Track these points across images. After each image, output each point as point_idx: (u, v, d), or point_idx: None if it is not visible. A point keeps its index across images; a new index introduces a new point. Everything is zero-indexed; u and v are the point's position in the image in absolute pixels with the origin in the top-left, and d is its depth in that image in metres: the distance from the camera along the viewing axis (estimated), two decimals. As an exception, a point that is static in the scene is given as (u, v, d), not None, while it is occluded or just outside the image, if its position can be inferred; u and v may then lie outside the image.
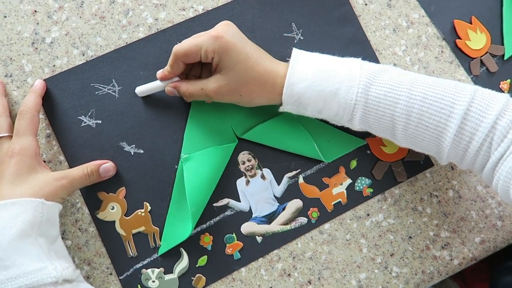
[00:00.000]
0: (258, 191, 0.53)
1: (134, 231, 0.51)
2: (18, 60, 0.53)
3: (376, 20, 0.59)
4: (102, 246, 0.51)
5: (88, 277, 0.50)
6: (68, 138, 0.52)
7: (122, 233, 0.51)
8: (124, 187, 0.52)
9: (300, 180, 0.54)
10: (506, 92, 0.59)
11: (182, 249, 0.51)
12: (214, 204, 0.52)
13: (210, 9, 0.57)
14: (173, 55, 0.47)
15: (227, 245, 0.52)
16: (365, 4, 0.59)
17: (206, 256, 0.51)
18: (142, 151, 0.53)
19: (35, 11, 0.54)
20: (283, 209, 0.53)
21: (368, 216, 0.55)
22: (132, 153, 0.52)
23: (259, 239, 0.53)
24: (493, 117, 0.41)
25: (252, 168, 0.54)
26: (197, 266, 0.51)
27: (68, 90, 0.53)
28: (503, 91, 0.59)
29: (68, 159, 0.52)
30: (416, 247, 0.54)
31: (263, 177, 0.54)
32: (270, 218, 0.53)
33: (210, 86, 0.47)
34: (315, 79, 0.45)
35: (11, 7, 0.54)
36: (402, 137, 0.46)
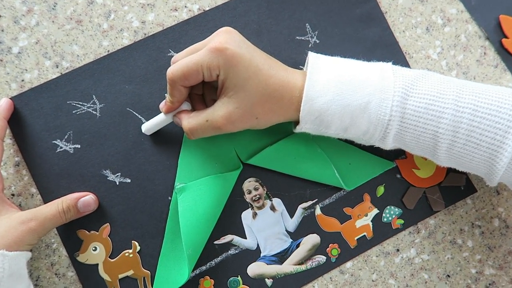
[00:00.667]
0: (267, 225, 0.48)
1: (121, 276, 0.46)
2: (-19, 74, 0.48)
3: (406, 18, 0.52)
4: None
5: (67, 332, 0.45)
6: (41, 167, 0.46)
7: (107, 278, 0.46)
8: (108, 224, 0.46)
9: (317, 212, 0.49)
10: None
11: None
12: (216, 242, 0.47)
13: (208, 9, 0.50)
14: (170, 82, 0.40)
15: None
16: (392, -1, 0.53)
17: None
18: (129, 180, 0.47)
19: None
20: (297, 246, 0.48)
21: (398, 252, 0.49)
22: (118, 183, 0.47)
23: (269, 282, 0.47)
24: None
25: (260, 198, 0.48)
26: (196, 316, 0.46)
27: (41, 110, 0.47)
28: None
29: (42, 192, 0.46)
30: (456, 287, 0.48)
31: (273, 209, 0.48)
32: (282, 257, 0.48)
33: (218, 115, 0.40)
34: (339, 92, 0.39)
35: (-28, 11, 0.48)
36: (445, 157, 0.40)
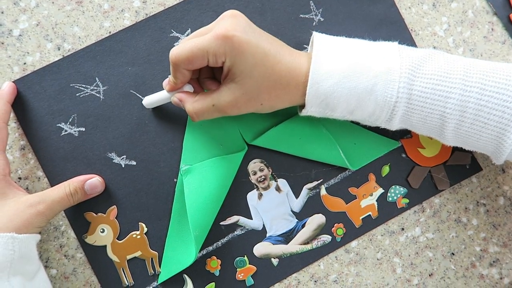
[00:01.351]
0: (273, 206, 0.48)
1: (129, 257, 0.46)
2: (-17, 58, 0.47)
3: (412, -6, 0.51)
4: (93, 275, 0.46)
5: (78, 311, 0.46)
6: (47, 150, 0.46)
7: (115, 260, 0.46)
8: (115, 206, 0.46)
9: (322, 192, 0.49)
10: None
11: (186, 276, 0.47)
12: (222, 223, 0.47)
13: (210, -13, 0.48)
14: (173, 64, 0.39)
15: (238, 270, 0.47)
16: (399, -26, 0.51)
17: (214, 283, 0.47)
18: (135, 163, 0.47)
19: None
20: (303, 226, 0.48)
21: (403, 231, 0.49)
22: (123, 166, 0.46)
23: (275, 262, 0.48)
24: None
25: (265, 179, 0.48)
26: (204, 295, 0.47)
27: (44, 93, 0.46)
28: None
29: (48, 175, 0.46)
30: (460, 265, 0.49)
31: (278, 189, 0.48)
32: (288, 237, 0.48)
33: (224, 100, 0.39)
34: (345, 74, 0.38)
35: (-29, -7, 0.47)
36: (452, 137, 0.40)
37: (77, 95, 0.46)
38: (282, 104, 0.41)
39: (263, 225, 0.47)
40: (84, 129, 0.46)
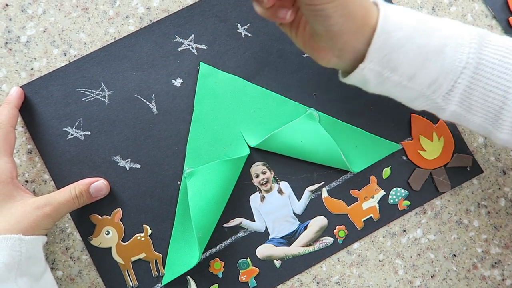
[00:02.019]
0: (275, 208, 0.48)
1: (134, 259, 0.47)
2: (-9, 64, 0.48)
3: (412, -2, 0.52)
4: (98, 277, 0.46)
5: (84, 312, 0.46)
6: (53, 154, 0.47)
7: (120, 261, 0.46)
8: (120, 208, 0.47)
9: (324, 194, 0.49)
10: None
11: (189, 278, 0.47)
12: (225, 225, 0.48)
13: (213, -7, 0.49)
14: None
15: (241, 272, 0.47)
16: (398, -21, 0.51)
17: (217, 285, 0.47)
18: (139, 166, 0.47)
19: (6, 5, 0.48)
20: (305, 228, 0.48)
21: (405, 233, 0.49)
22: (128, 169, 0.47)
23: (278, 264, 0.48)
24: None
25: (268, 182, 0.48)
26: (207, 297, 0.47)
27: (50, 97, 0.47)
28: None
29: (54, 178, 0.46)
30: (462, 267, 0.49)
31: (281, 192, 0.48)
32: (290, 239, 0.48)
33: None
34: (417, 29, 0.35)
35: (-20, 1, 0.48)
36: (509, 126, 0.37)
37: (83, 100, 0.47)
38: (348, 35, 0.35)
39: (266, 227, 0.48)
40: (90, 133, 0.47)
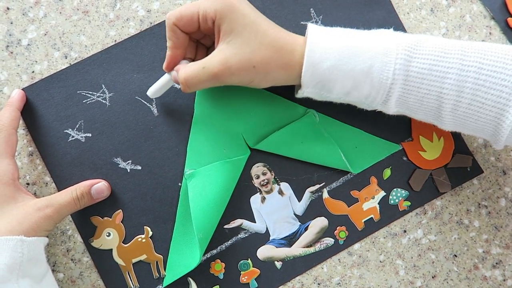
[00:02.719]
0: (276, 209, 0.48)
1: (134, 260, 0.47)
2: (-7, 67, 0.48)
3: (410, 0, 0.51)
4: (99, 278, 0.46)
5: (85, 314, 0.46)
6: (54, 156, 0.47)
7: (121, 263, 0.46)
8: (121, 210, 0.47)
9: (325, 195, 0.49)
10: None
11: (190, 279, 0.47)
12: (225, 226, 0.48)
13: (212, -4, 0.49)
14: (167, 21, 0.40)
15: (242, 273, 0.47)
16: (397, -19, 0.52)
17: (218, 286, 0.47)
18: (140, 168, 0.47)
19: (8, 8, 0.48)
20: (306, 229, 0.48)
21: (405, 233, 0.49)
22: (129, 170, 0.47)
23: (279, 265, 0.48)
24: None
25: (268, 183, 0.48)
26: (208, 298, 0.47)
27: (51, 100, 0.47)
28: None
29: (55, 180, 0.47)
30: (463, 267, 0.49)
31: (281, 193, 0.48)
32: (291, 240, 0.48)
33: (215, 60, 0.39)
34: (341, 57, 0.38)
35: (-18, 5, 0.48)
36: (450, 119, 0.40)
37: (84, 102, 0.47)
38: (277, 74, 0.40)
39: (266, 228, 0.48)
40: (91, 135, 0.47)
